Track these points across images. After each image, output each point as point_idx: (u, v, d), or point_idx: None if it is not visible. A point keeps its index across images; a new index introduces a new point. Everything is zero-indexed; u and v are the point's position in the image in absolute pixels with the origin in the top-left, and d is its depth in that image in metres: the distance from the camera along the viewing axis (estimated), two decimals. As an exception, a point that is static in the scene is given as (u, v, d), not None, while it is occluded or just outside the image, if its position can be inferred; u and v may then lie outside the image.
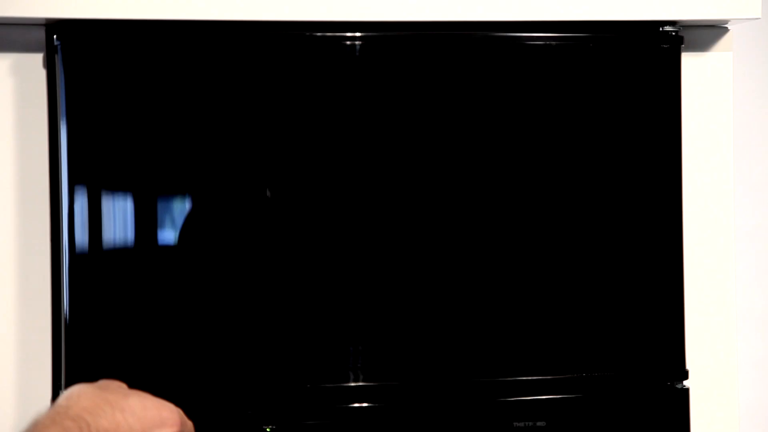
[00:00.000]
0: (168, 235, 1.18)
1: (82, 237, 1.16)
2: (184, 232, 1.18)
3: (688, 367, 1.27)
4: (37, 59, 1.19)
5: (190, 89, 1.18)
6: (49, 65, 1.18)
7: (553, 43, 1.23)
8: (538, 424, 1.22)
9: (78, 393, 0.96)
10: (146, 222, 1.17)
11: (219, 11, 1.17)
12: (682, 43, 1.26)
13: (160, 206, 1.17)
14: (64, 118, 1.16)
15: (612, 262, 1.24)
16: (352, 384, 1.20)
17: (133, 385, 1.06)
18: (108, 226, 1.16)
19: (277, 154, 1.19)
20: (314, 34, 1.19)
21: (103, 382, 1.01)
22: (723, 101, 1.29)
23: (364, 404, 1.20)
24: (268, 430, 1.18)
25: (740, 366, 1.63)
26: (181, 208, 1.18)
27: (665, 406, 1.25)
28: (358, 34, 1.20)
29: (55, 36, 1.16)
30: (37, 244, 1.19)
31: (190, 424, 1.02)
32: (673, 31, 1.26)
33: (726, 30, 1.29)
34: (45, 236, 1.19)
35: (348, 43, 1.20)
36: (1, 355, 1.18)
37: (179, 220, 1.18)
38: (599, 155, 1.24)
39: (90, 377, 1.15)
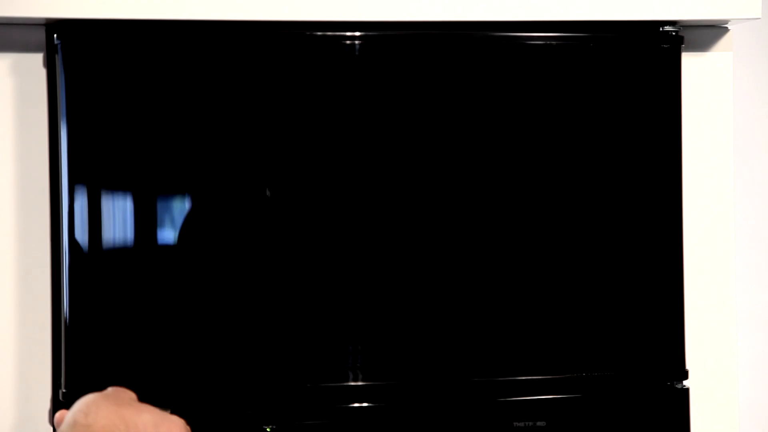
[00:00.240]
0: (168, 235, 1.18)
1: (82, 237, 1.16)
2: (184, 231, 1.18)
3: (688, 367, 1.27)
4: (37, 59, 1.19)
5: (190, 89, 1.18)
6: (49, 65, 1.18)
7: (553, 43, 1.23)
8: (538, 424, 1.22)
9: (96, 408, 0.98)
10: (146, 222, 1.17)
11: (219, 11, 1.17)
12: (682, 43, 1.26)
13: (160, 206, 1.17)
14: (64, 118, 1.16)
15: (612, 262, 1.24)
16: (352, 384, 1.20)
17: (133, 384, 1.06)
18: (108, 226, 1.16)
19: (276, 154, 1.19)
20: (314, 34, 1.19)
21: (112, 392, 1.02)
22: (723, 101, 1.29)
23: (364, 404, 1.20)
24: (268, 430, 1.18)
25: (740, 366, 1.63)
26: (181, 208, 1.18)
27: (665, 406, 1.25)
28: (358, 34, 1.20)
29: (55, 36, 1.16)
30: (37, 244, 1.19)
31: None
32: (673, 31, 1.26)
33: (726, 30, 1.29)
34: (45, 236, 1.19)
35: (348, 42, 1.20)
36: (1, 355, 1.18)
37: (179, 220, 1.18)
38: (599, 155, 1.24)
39: (90, 377, 1.15)
